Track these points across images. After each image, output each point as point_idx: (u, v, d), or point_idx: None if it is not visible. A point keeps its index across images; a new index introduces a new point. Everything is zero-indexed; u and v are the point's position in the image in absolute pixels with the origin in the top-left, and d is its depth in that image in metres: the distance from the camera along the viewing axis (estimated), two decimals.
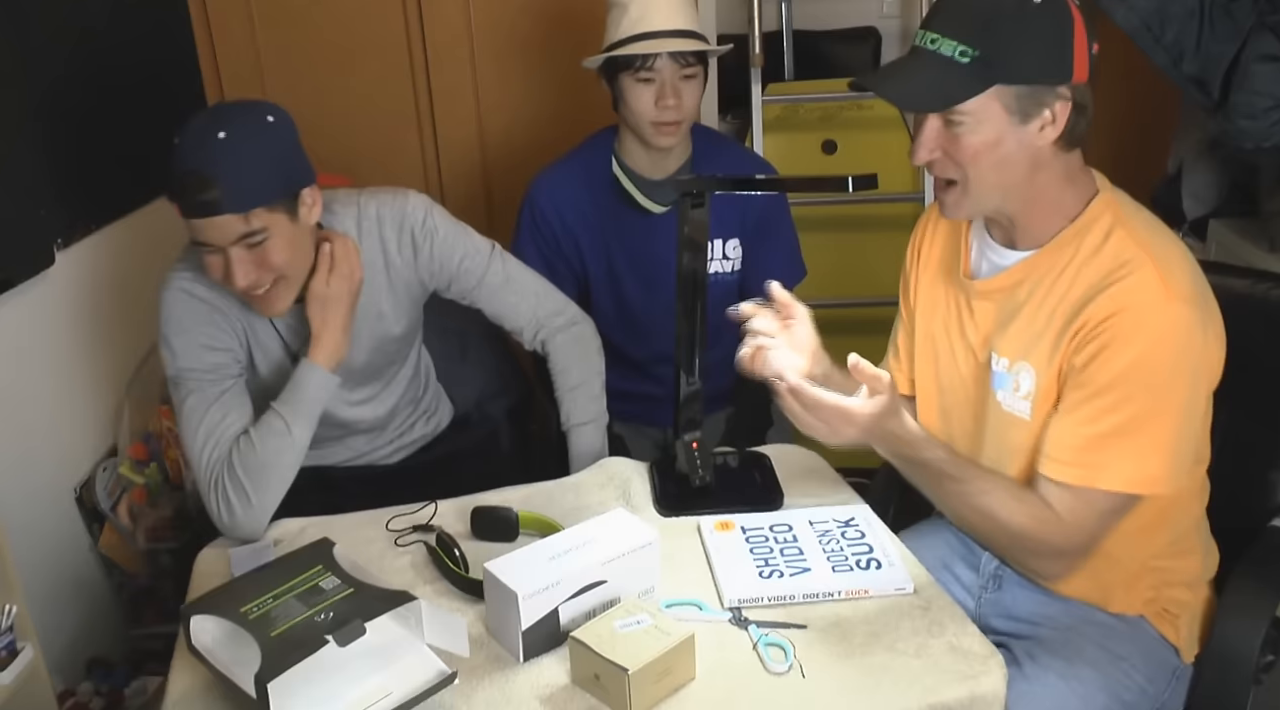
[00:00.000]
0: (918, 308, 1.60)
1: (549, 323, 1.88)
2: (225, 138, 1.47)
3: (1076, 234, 1.37)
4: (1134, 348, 1.28)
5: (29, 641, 1.61)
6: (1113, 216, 1.36)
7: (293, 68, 2.80)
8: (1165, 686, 1.45)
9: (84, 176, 2.17)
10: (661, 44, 1.87)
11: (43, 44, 2.05)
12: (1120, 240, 1.33)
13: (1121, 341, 1.29)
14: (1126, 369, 1.29)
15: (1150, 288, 1.28)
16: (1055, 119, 1.30)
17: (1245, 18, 2.15)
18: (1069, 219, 1.38)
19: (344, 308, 1.65)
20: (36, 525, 2.00)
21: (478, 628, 1.36)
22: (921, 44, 1.32)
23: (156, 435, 2.37)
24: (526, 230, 2.08)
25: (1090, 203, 1.38)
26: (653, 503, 1.63)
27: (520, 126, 2.86)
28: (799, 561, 1.45)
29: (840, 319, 2.99)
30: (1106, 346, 1.29)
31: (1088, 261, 1.34)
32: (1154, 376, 1.29)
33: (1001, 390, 1.44)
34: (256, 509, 1.59)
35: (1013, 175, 1.34)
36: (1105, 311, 1.30)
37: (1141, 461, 1.31)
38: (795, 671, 1.27)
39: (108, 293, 2.24)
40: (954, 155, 1.34)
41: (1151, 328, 1.28)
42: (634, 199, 2.03)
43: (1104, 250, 1.34)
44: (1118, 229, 1.34)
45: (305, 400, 1.63)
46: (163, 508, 2.31)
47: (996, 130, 1.30)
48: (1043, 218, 1.39)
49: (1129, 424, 1.30)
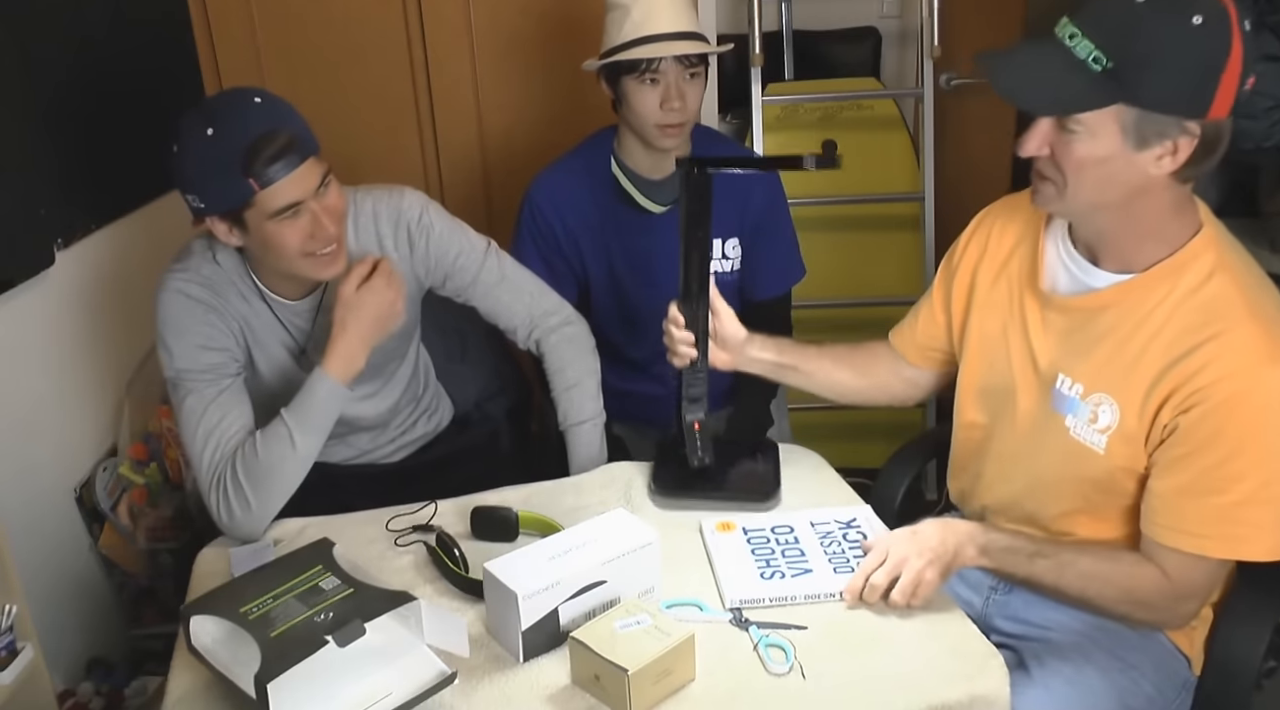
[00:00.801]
0: (974, 304, 1.53)
1: (543, 322, 1.88)
2: (261, 101, 1.53)
3: (1175, 269, 1.29)
4: (1244, 413, 1.23)
5: (29, 641, 1.61)
6: (1215, 257, 1.28)
7: (293, 68, 2.80)
8: (1175, 697, 1.44)
9: (84, 176, 2.17)
10: (667, 47, 1.87)
11: (44, 44, 2.05)
12: (1221, 285, 1.26)
13: (1229, 406, 1.23)
14: (1243, 437, 1.24)
15: (1256, 348, 1.23)
16: (1176, 152, 1.21)
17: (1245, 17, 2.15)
18: (1169, 249, 1.29)
19: (367, 320, 1.62)
20: (36, 525, 2.00)
21: (478, 628, 1.36)
22: (1060, 34, 1.22)
23: (156, 435, 2.37)
24: (526, 230, 2.08)
25: (1194, 237, 1.29)
26: (648, 490, 1.62)
27: (520, 126, 2.86)
28: (800, 562, 1.45)
29: (840, 319, 3.00)
30: (1214, 411, 1.24)
31: (1184, 302, 1.27)
32: (1268, 439, 1.24)
33: (1071, 416, 1.38)
34: (256, 513, 1.59)
35: (1113, 195, 1.26)
36: (1211, 375, 1.24)
37: (1271, 528, 1.28)
38: (796, 672, 1.26)
39: (108, 293, 2.24)
40: (1059, 159, 1.26)
41: (1261, 392, 1.23)
42: (634, 199, 2.03)
43: (1202, 293, 1.27)
44: (1220, 273, 1.27)
45: (312, 411, 1.61)
46: (163, 508, 2.31)
47: (1108, 148, 1.22)
48: (1138, 243, 1.31)
49: (1257, 493, 1.26)
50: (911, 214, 2.99)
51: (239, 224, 1.54)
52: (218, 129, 1.48)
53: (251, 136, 1.48)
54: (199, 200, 1.53)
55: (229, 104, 1.54)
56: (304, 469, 1.62)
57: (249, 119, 1.50)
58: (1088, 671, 1.40)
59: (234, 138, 1.48)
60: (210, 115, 1.50)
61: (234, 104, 1.53)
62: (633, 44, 1.89)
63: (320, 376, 1.61)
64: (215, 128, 1.48)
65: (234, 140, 1.48)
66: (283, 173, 1.50)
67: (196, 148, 1.49)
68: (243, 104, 1.52)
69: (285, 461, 1.59)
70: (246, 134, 1.48)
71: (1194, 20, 1.14)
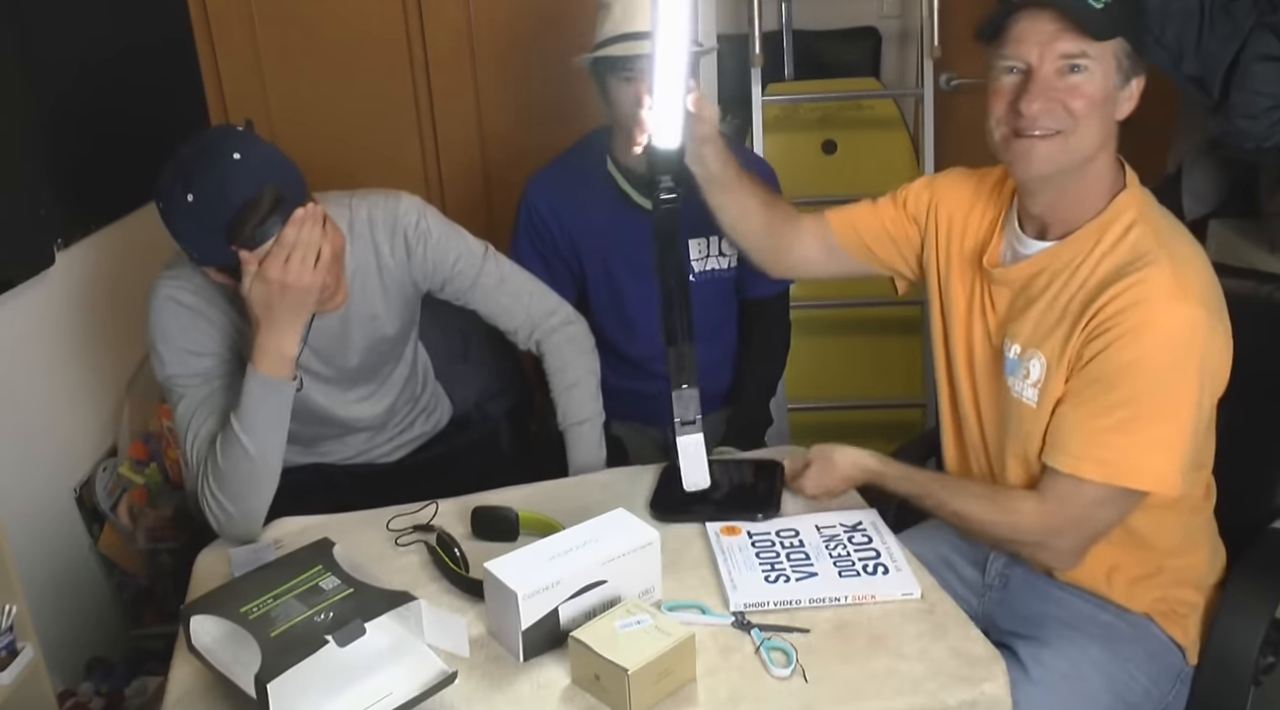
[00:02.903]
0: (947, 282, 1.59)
1: (543, 323, 1.88)
2: (240, 157, 1.46)
3: (1100, 227, 1.38)
4: (1143, 342, 1.29)
5: (29, 641, 1.61)
6: (1137, 212, 1.37)
7: (293, 68, 2.80)
8: (1170, 688, 1.45)
9: (84, 177, 2.17)
10: (641, 46, 1.87)
11: (44, 45, 2.05)
12: (1140, 235, 1.35)
13: (1131, 336, 1.29)
14: (1135, 363, 1.29)
15: (1164, 285, 1.29)
16: (1133, 93, 1.34)
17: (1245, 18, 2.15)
18: (1095, 212, 1.39)
19: (289, 304, 1.51)
20: (36, 525, 2.00)
21: (478, 628, 1.36)
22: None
23: (156, 435, 2.37)
24: (523, 231, 2.08)
25: (1117, 197, 1.39)
26: (648, 506, 1.62)
27: (520, 126, 2.86)
28: (805, 566, 1.45)
29: (840, 319, 3.00)
30: (1117, 340, 1.30)
31: (1106, 254, 1.36)
32: (1162, 373, 1.29)
33: (1012, 377, 1.45)
34: (237, 517, 1.59)
35: (1103, 136, 1.36)
36: (1117, 305, 1.30)
37: (1150, 459, 1.31)
38: (798, 675, 1.26)
39: (108, 293, 2.23)
40: (1069, 103, 1.32)
41: (1162, 324, 1.28)
42: (629, 196, 2.04)
43: (1123, 243, 1.35)
44: (1140, 224, 1.36)
45: (251, 411, 1.55)
46: (163, 508, 2.31)
47: (1107, 85, 1.33)
48: (1079, 204, 1.39)
49: (1137, 419, 1.30)
50: None
51: (235, 276, 1.52)
52: (197, 196, 1.44)
53: (233, 206, 1.44)
54: (192, 251, 1.52)
55: (208, 166, 1.46)
56: (267, 469, 1.58)
57: (228, 184, 1.44)
58: (1083, 667, 1.41)
59: (215, 206, 1.44)
60: (188, 180, 1.45)
61: (213, 165, 1.45)
62: (612, 41, 1.89)
63: (251, 374, 1.55)
64: (195, 194, 1.44)
65: (215, 209, 1.44)
66: (270, 234, 1.46)
67: (178, 213, 1.46)
68: (221, 165, 1.45)
69: (240, 464, 1.57)
70: (228, 203, 1.44)
71: None
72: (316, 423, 1.79)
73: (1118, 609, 1.48)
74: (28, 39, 2.00)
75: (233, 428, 1.55)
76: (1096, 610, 1.48)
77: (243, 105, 2.81)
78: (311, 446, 1.84)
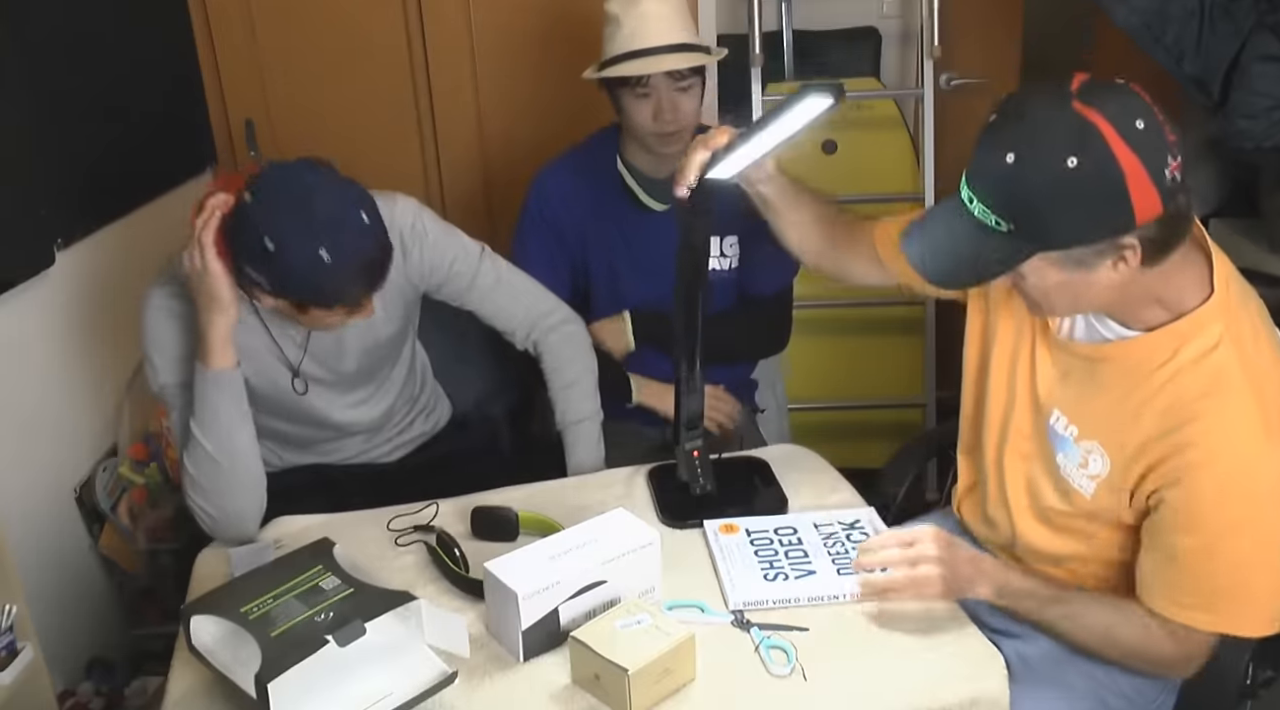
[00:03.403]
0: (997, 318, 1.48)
1: (540, 323, 1.88)
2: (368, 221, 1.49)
3: (1180, 334, 1.25)
4: (1237, 494, 1.22)
5: (29, 641, 1.61)
6: (1224, 327, 1.23)
7: (293, 68, 2.80)
8: (1155, 696, 1.44)
9: (84, 177, 2.17)
10: (654, 63, 1.87)
11: (45, 45, 2.05)
12: (1224, 357, 1.22)
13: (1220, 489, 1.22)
14: (1237, 520, 1.23)
15: (1246, 427, 1.20)
16: (1127, 260, 1.17)
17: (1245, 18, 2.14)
18: (1175, 313, 1.25)
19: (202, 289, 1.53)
20: (36, 525, 2.00)
21: (478, 628, 1.36)
22: (965, 198, 1.20)
23: (156, 435, 2.37)
24: (530, 223, 2.08)
25: (1204, 302, 1.24)
26: (656, 513, 1.62)
27: (520, 126, 2.86)
28: (804, 564, 1.45)
29: (840, 319, 3.00)
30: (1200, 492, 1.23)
31: (1185, 369, 1.24)
32: (1263, 522, 1.23)
33: (1063, 454, 1.38)
34: (221, 519, 1.60)
35: (1093, 301, 1.25)
36: (1198, 452, 1.22)
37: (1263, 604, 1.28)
38: (797, 674, 1.26)
39: (108, 293, 2.23)
40: (1033, 302, 1.28)
41: (1250, 475, 1.21)
42: (637, 196, 2.04)
43: (1205, 363, 1.23)
44: (1226, 345, 1.23)
45: (198, 408, 1.57)
46: (163, 508, 2.31)
47: (1060, 277, 1.20)
48: (1138, 310, 1.27)
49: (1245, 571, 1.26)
50: None
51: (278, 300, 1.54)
52: (334, 257, 1.44)
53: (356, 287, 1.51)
54: (267, 285, 1.50)
55: (339, 223, 1.46)
56: (236, 469, 1.59)
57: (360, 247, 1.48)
58: (1066, 668, 1.40)
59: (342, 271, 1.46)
60: (319, 234, 1.44)
61: (343, 223, 1.46)
62: (623, 58, 1.90)
63: (196, 370, 1.58)
64: (331, 254, 1.44)
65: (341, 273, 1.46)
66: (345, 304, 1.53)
67: (301, 265, 1.45)
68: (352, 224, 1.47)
69: (204, 465, 1.58)
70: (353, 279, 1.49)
71: (1068, 163, 1.09)
72: (312, 426, 1.79)
73: None
74: (28, 39, 2.00)
75: (193, 431, 1.57)
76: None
77: (243, 105, 2.81)
78: (310, 447, 1.84)
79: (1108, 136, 1.09)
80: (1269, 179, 2.44)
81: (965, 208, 1.19)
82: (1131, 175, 1.10)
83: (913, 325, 3.01)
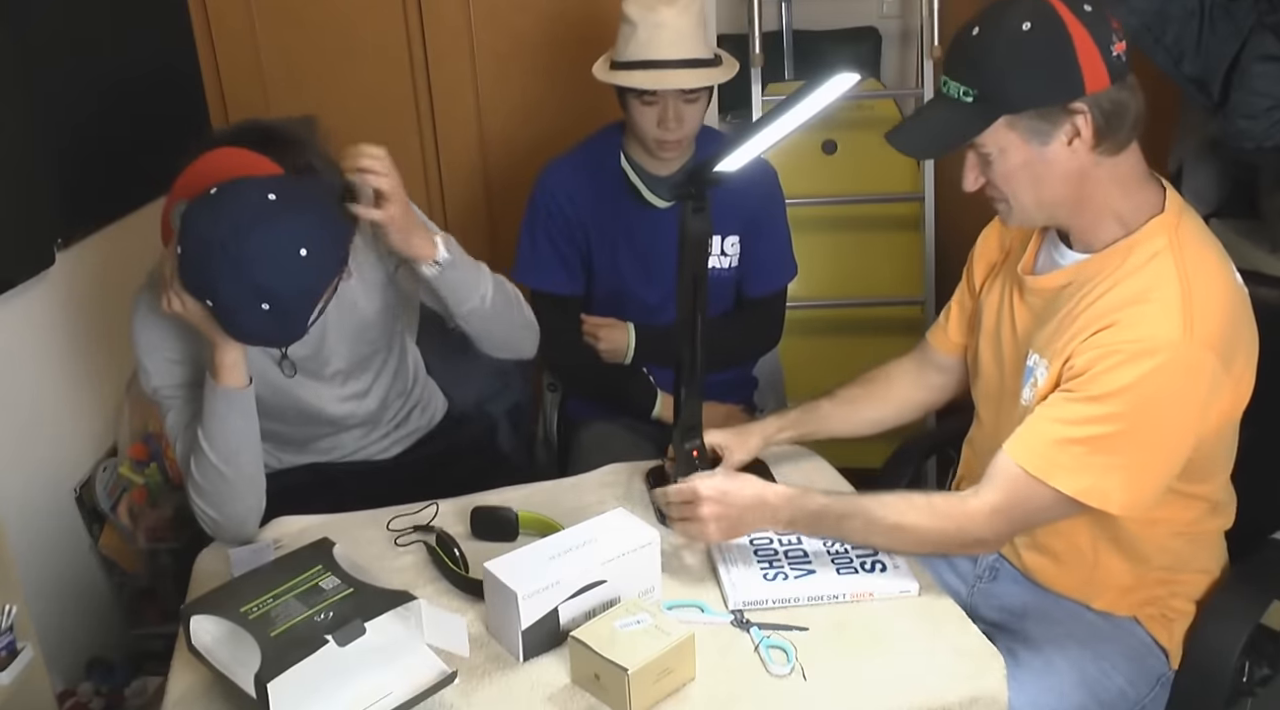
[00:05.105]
0: (984, 296, 1.58)
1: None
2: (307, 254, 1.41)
3: (1128, 247, 1.34)
4: (1137, 372, 1.25)
5: (29, 641, 1.61)
6: (1168, 239, 1.32)
7: (293, 68, 2.80)
8: (1148, 690, 1.44)
9: (84, 177, 2.17)
10: (665, 78, 1.88)
11: (45, 44, 2.05)
12: (1164, 265, 1.30)
13: (1128, 363, 1.26)
14: (1124, 390, 1.26)
15: (1171, 321, 1.26)
16: (1080, 132, 1.29)
17: (1245, 18, 2.14)
18: (1126, 229, 1.35)
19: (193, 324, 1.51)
20: (36, 525, 2.00)
21: (478, 628, 1.36)
22: (942, 88, 1.35)
23: (156, 435, 2.37)
24: (538, 215, 2.09)
25: (1152, 218, 1.34)
26: (655, 513, 1.62)
27: (520, 126, 2.86)
28: (804, 563, 1.45)
29: (840, 319, 3.00)
30: (1111, 362, 1.27)
31: (1126, 277, 1.32)
32: (1149, 408, 1.27)
33: (1025, 386, 1.42)
34: (224, 523, 1.61)
35: (1054, 190, 1.34)
36: (1123, 332, 1.28)
37: (1104, 478, 1.29)
38: (797, 673, 1.27)
39: (108, 293, 2.23)
40: (992, 181, 1.36)
41: (1162, 362, 1.25)
42: (640, 193, 2.05)
43: (1145, 270, 1.31)
44: (1167, 253, 1.31)
45: (206, 421, 1.57)
46: (163, 508, 2.31)
47: (1021, 155, 1.31)
48: (1094, 222, 1.36)
49: (1107, 442, 1.28)
50: (911, 214, 2.99)
51: None
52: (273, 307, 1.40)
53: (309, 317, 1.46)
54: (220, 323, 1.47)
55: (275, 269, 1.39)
56: (240, 478, 1.59)
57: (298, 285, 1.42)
58: (1058, 663, 1.41)
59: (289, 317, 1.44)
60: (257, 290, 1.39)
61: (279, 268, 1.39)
62: (635, 65, 1.90)
63: (207, 385, 1.57)
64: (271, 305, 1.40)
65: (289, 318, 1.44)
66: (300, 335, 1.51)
67: (247, 323, 1.43)
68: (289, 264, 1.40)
69: (209, 473, 1.58)
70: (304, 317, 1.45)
71: (1023, 27, 1.26)
72: (308, 422, 1.79)
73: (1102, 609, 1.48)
74: (28, 39, 2.00)
75: (199, 441, 1.58)
76: (1080, 609, 1.48)
77: (243, 105, 2.81)
78: (307, 446, 1.84)
79: (1059, 9, 1.26)
80: (1269, 179, 2.44)
81: (941, 94, 1.35)
82: (1080, 43, 1.25)
83: (912, 325, 3.01)
